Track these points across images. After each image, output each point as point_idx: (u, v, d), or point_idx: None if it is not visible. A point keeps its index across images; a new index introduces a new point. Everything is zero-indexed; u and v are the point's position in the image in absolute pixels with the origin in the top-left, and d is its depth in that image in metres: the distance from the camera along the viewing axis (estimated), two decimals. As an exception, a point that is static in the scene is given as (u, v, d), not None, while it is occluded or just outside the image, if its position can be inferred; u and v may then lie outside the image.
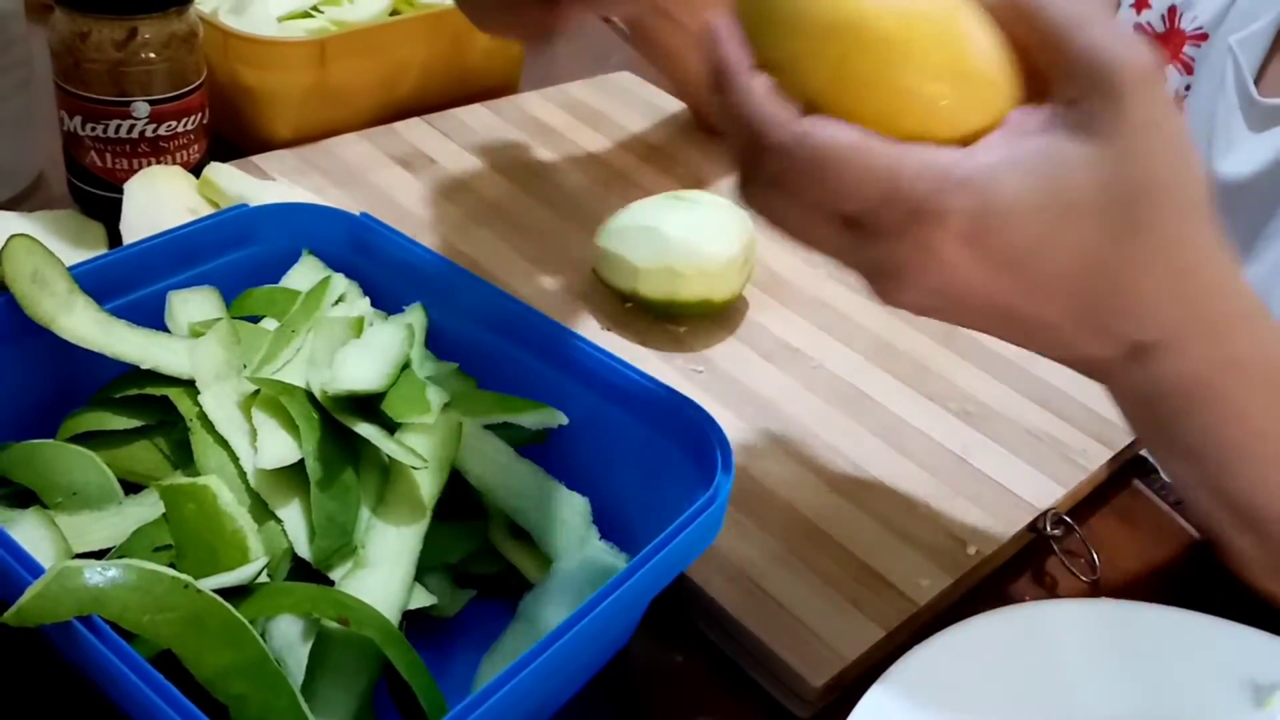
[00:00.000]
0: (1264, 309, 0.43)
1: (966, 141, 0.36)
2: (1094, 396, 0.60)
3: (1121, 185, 0.36)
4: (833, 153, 0.35)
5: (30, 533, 0.40)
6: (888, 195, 0.35)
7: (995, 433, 0.58)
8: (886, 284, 0.38)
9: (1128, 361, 0.41)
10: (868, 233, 0.36)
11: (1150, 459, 0.60)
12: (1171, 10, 0.67)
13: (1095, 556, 0.52)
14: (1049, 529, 0.53)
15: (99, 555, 0.41)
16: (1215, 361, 0.41)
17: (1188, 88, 0.67)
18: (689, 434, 0.44)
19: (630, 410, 0.46)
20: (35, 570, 0.34)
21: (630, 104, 0.86)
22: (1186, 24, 0.67)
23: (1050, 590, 0.53)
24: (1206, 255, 0.39)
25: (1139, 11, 0.70)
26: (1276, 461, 0.44)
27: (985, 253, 0.36)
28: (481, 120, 0.81)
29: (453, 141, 0.77)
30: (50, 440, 0.45)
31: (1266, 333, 0.42)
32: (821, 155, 0.35)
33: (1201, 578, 0.53)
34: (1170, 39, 0.68)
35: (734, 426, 0.56)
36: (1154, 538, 0.57)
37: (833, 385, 0.60)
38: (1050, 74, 0.36)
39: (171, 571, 0.35)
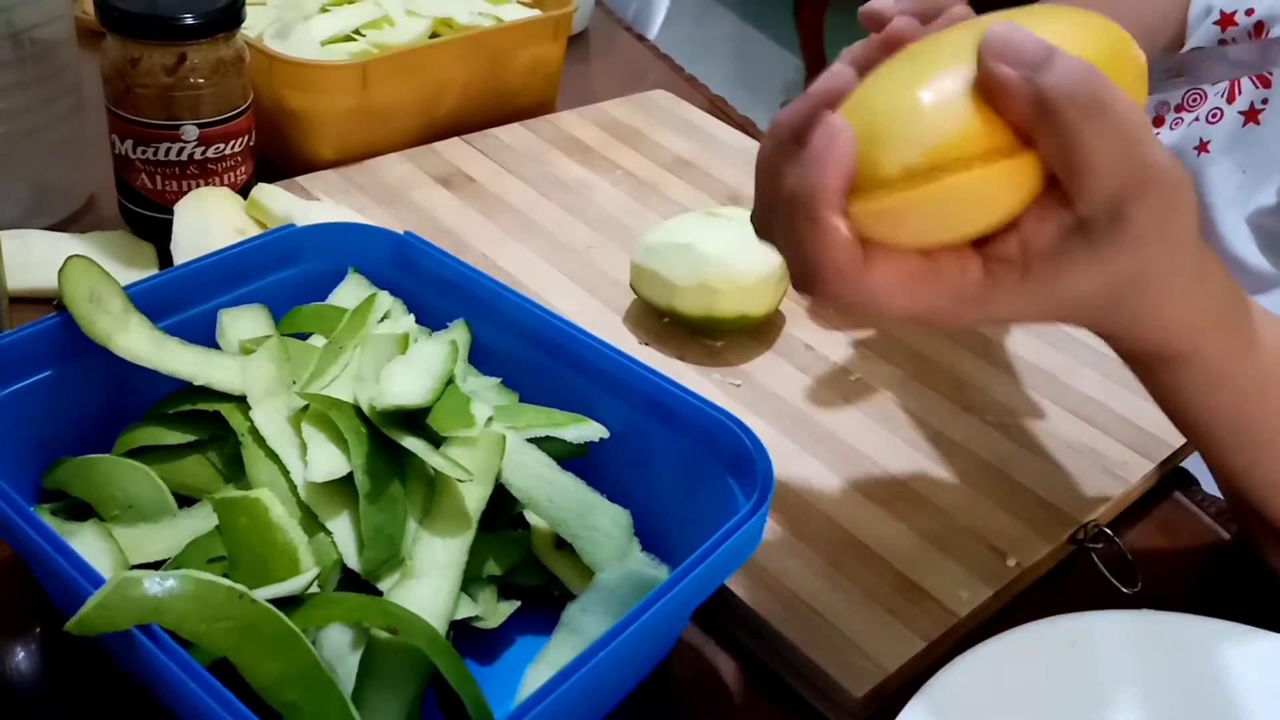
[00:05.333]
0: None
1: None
2: (1133, 409, 0.60)
3: (1115, 281, 0.37)
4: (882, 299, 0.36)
5: (89, 545, 0.41)
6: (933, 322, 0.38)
7: (1034, 445, 0.58)
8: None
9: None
10: None
11: (1190, 471, 0.60)
12: (1259, 26, 0.67)
13: (1136, 568, 0.52)
14: (1089, 541, 0.53)
15: (154, 567, 0.42)
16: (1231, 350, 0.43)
17: (1264, 100, 0.67)
18: (728, 447, 0.44)
19: (670, 424, 0.46)
20: (95, 581, 0.35)
21: (665, 121, 0.87)
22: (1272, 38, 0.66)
23: (1091, 602, 0.52)
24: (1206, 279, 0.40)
25: (1224, 29, 0.69)
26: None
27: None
28: (519, 139, 0.82)
29: (491, 160, 0.78)
30: (106, 455, 0.46)
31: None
32: (871, 304, 0.36)
33: (1243, 589, 0.53)
34: None
35: (772, 439, 0.56)
36: (1195, 549, 0.56)
37: (870, 398, 0.60)
38: (1065, 176, 0.35)
39: (227, 582, 0.36)
